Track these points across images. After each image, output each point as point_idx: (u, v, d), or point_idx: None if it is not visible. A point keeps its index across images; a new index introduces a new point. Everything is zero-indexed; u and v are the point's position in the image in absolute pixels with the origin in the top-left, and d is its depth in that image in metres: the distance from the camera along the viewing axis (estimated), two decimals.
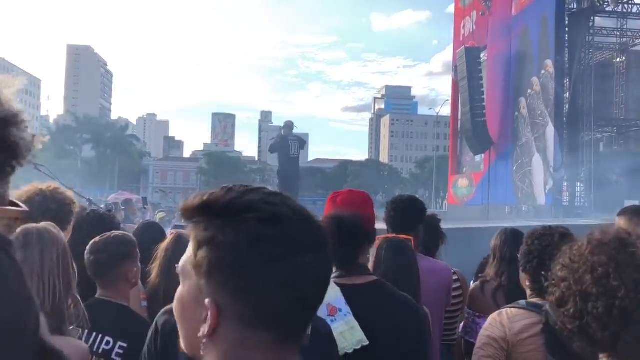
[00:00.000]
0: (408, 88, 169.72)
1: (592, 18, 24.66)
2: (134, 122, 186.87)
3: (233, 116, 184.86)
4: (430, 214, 3.54)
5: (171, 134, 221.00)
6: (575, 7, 25.12)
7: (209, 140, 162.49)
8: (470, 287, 3.53)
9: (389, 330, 1.96)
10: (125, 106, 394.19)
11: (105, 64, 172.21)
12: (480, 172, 30.60)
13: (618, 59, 27.72)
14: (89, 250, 2.35)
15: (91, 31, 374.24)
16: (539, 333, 2.09)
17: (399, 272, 2.45)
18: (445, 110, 45.06)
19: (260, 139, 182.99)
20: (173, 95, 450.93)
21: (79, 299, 1.92)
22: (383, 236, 2.60)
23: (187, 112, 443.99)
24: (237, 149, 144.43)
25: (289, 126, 14.47)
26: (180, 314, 0.91)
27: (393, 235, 2.66)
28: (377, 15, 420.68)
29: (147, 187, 79.46)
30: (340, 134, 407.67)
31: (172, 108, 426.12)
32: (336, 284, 1.97)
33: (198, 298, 0.83)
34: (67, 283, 1.84)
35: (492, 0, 30.32)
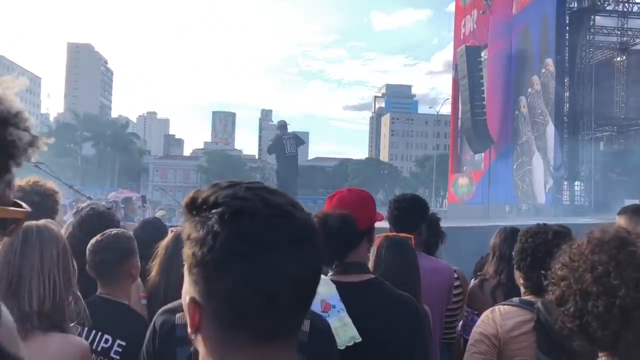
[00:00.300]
0: (408, 87, 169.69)
1: (592, 17, 24.64)
2: (134, 120, 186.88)
3: (233, 114, 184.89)
4: (430, 212, 3.54)
5: (171, 132, 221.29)
6: (575, 6, 25.11)
7: (209, 139, 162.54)
8: (469, 285, 3.53)
9: (383, 328, 1.97)
10: (125, 104, 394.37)
11: (106, 62, 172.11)
12: (481, 170, 30.60)
13: (618, 58, 27.68)
14: (92, 249, 2.35)
15: (91, 29, 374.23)
16: (531, 330, 2.10)
17: (399, 271, 2.45)
18: (446, 109, 45.09)
19: (260, 137, 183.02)
20: (173, 94, 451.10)
21: (80, 296, 1.92)
22: (383, 235, 2.60)
23: (187, 111, 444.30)
24: (237, 147, 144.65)
25: (282, 125, 14.73)
26: (185, 309, 0.92)
27: (393, 234, 2.66)
28: (377, 13, 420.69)
29: (147, 185, 79.47)
30: (340, 133, 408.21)
31: (172, 106, 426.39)
32: (332, 281, 1.98)
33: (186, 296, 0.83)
34: (67, 280, 1.85)
35: None
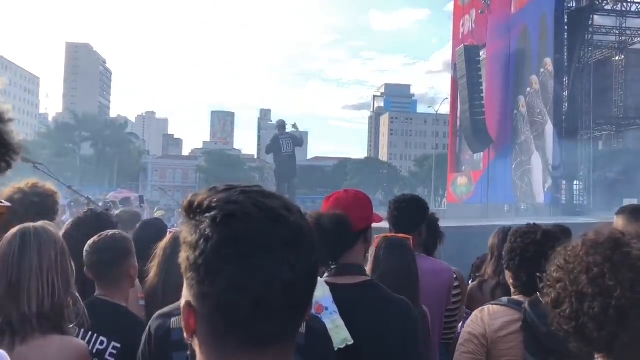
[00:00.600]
0: (407, 86, 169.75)
1: (591, 16, 24.67)
2: (133, 120, 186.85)
3: (232, 114, 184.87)
4: (429, 213, 3.54)
5: (170, 132, 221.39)
6: (574, 5, 25.12)
7: (208, 138, 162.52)
8: (468, 286, 3.53)
9: (375, 331, 1.96)
10: (124, 104, 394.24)
11: (104, 62, 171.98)
12: (480, 170, 30.62)
13: (617, 58, 27.70)
14: (89, 250, 2.34)
15: (90, 29, 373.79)
16: (518, 330, 2.10)
17: (398, 272, 2.45)
18: (445, 109, 45.09)
19: (259, 136, 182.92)
20: (172, 93, 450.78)
21: (78, 297, 1.92)
22: (382, 235, 2.59)
23: (186, 110, 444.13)
24: (236, 147, 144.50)
25: (280, 125, 15.06)
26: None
27: (392, 235, 2.66)
28: (376, 13, 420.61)
29: (146, 185, 79.39)
30: (339, 132, 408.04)
31: (171, 106, 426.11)
32: (327, 283, 1.98)
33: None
34: (66, 281, 1.84)
35: None
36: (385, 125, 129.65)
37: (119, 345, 2.15)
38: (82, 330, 2.04)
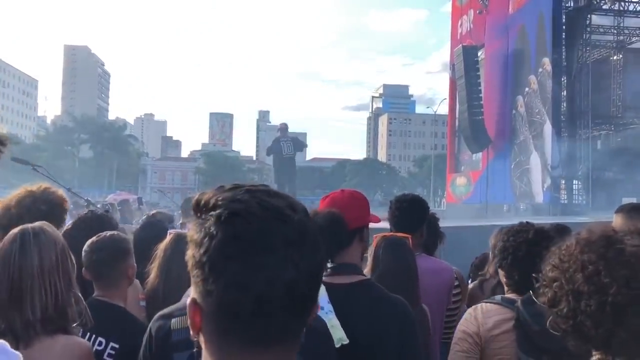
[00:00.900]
0: (406, 87, 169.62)
1: (588, 16, 24.69)
2: (132, 122, 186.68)
3: (231, 115, 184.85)
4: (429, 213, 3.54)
5: (169, 133, 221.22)
6: (572, 5, 25.15)
7: (206, 140, 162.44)
8: (469, 285, 3.54)
9: (371, 330, 1.96)
10: (122, 106, 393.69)
11: (103, 64, 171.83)
12: (478, 170, 30.62)
13: (615, 57, 27.74)
14: (88, 249, 2.35)
15: (88, 31, 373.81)
16: (511, 329, 2.10)
17: (397, 271, 2.45)
18: (443, 109, 45.07)
19: (258, 138, 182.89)
20: (171, 95, 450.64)
21: (80, 296, 1.92)
22: (381, 235, 2.60)
23: (184, 112, 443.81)
24: (235, 148, 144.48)
25: (283, 128, 15.65)
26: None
27: (391, 234, 2.66)
28: (375, 14, 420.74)
29: (145, 187, 79.32)
30: (338, 133, 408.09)
31: (169, 108, 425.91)
32: (323, 283, 1.98)
33: None
34: (68, 282, 1.83)
35: None
36: (384, 125, 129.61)
37: (117, 346, 2.15)
38: (81, 330, 2.04)
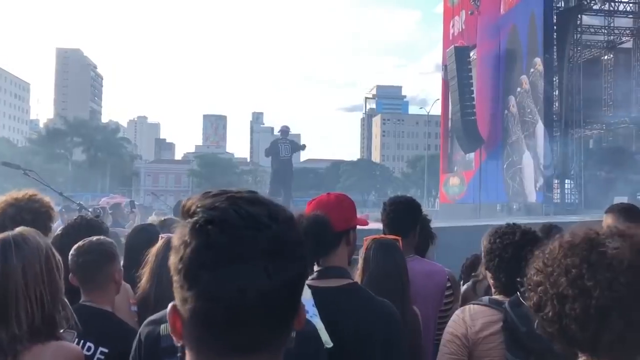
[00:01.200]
0: (399, 87, 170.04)
1: (579, 16, 24.82)
2: (125, 125, 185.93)
3: (224, 117, 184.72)
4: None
5: (162, 136, 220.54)
6: (562, 5, 25.28)
7: (200, 142, 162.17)
8: (462, 287, 3.56)
9: (357, 333, 1.97)
10: (115, 109, 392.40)
11: (95, 67, 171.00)
12: (471, 170, 30.71)
13: (606, 57, 27.89)
14: (75, 253, 2.34)
15: (80, 34, 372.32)
16: (499, 331, 2.10)
17: (387, 273, 2.46)
18: (436, 110, 45.18)
19: (252, 139, 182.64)
20: (164, 98, 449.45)
21: (67, 302, 1.89)
22: (371, 237, 2.61)
23: (178, 114, 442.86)
24: (228, 150, 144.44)
25: (283, 131, 16.40)
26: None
27: (381, 236, 2.67)
28: (368, 16, 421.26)
29: (139, 189, 79.05)
30: (332, 134, 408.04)
31: (163, 110, 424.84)
32: (310, 286, 1.99)
33: None
34: (54, 290, 1.80)
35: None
36: (378, 126, 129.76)
37: (106, 350, 2.14)
38: (75, 334, 2.03)
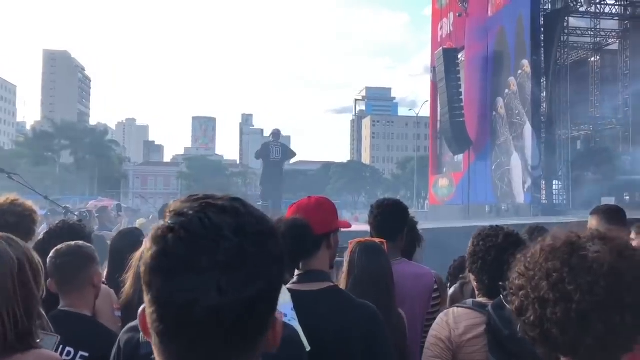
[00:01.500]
0: (388, 89, 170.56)
1: (566, 18, 25.05)
2: (114, 127, 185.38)
3: (214, 120, 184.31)
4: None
5: (151, 138, 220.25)
6: (549, 7, 25.49)
7: (189, 144, 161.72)
8: (450, 290, 3.56)
9: (338, 336, 1.96)
10: (104, 111, 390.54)
11: (83, 69, 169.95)
12: (460, 172, 30.88)
13: (593, 58, 28.16)
14: (53, 255, 2.33)
15: (68, 36, 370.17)
16: (482, 334, 2.10)
17: (372, 276, 2.45)
18: (425, 111, 45.38)
19: (241, 141, 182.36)
20: (153, 100, 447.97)
21: (43, 313, 1.85)
22: (356, 240, 2.60)
23: (167, 117, 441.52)
24: (218, 152, 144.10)
25: (275, 133, 16.88)
26: None
27: (366, 239, 2.66)
28: (358, 18, 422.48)
29: (128, 192, 78.72)
30: (322, 136, 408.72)
31: (152, 112, 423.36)
32: (289, 290, 1.97)
33: None
34: (29, 305, 1.69)
35: (468, 1, 30.61)
36: (367, 128, 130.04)
37: (86, 354, 2.13)
38: (58, 340, 2.01)
